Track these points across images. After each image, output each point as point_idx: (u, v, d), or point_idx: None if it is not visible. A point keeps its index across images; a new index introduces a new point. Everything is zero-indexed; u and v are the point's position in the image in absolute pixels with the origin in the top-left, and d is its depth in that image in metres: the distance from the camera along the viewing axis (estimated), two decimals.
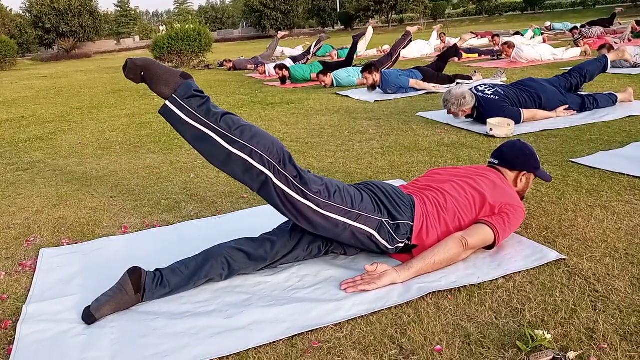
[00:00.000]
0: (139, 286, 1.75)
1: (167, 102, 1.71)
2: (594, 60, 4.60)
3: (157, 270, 1.82)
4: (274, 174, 1.73)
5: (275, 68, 8.94)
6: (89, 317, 1.69)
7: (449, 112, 4.26)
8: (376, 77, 6.37)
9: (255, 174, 1.74)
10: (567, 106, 4.27)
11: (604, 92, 4.55)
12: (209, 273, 1.85)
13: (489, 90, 4.25)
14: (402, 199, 1.96)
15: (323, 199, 1.80)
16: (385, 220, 1.89)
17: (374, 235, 1.88)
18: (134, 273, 1.76)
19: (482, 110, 4.13)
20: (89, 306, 1.71)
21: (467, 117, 4.27)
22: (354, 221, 1.85)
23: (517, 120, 4.04)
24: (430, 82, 6.36)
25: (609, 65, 4.54)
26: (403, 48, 8.00)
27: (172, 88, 1.71)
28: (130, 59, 1.70)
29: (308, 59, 11.33)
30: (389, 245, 1.91)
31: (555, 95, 4.30)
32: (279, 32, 13.57)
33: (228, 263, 1.86)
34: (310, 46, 12.13)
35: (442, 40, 12.74)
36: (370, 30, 11.55)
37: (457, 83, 6.37)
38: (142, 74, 1.70)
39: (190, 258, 1.87)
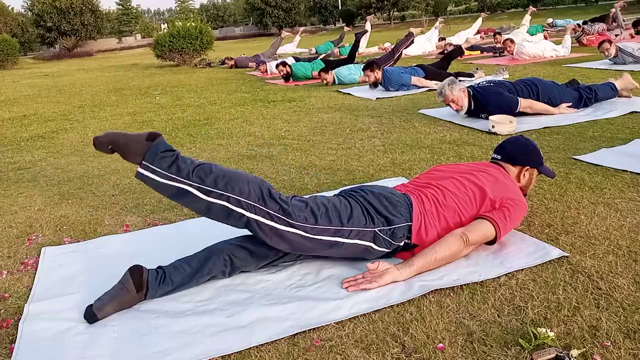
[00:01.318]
0: (141, 284, 1.75)
1: (139, 169, 1.77)
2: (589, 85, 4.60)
3: (159, 267, 1.82)
4: (255, 214, 1.77)
5: (278, 65, 8.93)
6: (91, 316, 1.69)
7: (452, 102, 4.23)
8: (378, 74, 6.35)
9: (237, 217, 1.78)
10: (570, 103, 4.27)
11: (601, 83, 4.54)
12: (212, 270, 1.85)
13: (483, 82, 4.31)
14: (397, 199, 1.95)
15: (310, 224, 1.81)
16: (379, 229, 1.88)
17: (370, 246, 1.89)
18: (136, 271, 1.77)
19: (480, 97, 4.16)
20: (91, 305, 1.71)
21: (465, 113, 4.27)
22: (347, 238, 1.85)
23: (515, 106, 4.06)
24: (433, 79, 6.34)
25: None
26: (405, 48, 7.99)
27: (140, 155, 1.76)
28: (96, 137, 1.77)
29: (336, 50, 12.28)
30: (387, 250, 1.92)
31: (553, 87, 4.31)
32: (282, 30, 13.65)
33: (230, 260, 1.87)
34: (339, 39, 13.36)
35: (442, 44, 12.66)
36: (368, 26, 11.61)
37: (460, 80, 6.35)
38: (110, 147, 1.76)
39: (192, 256, 1.88)
